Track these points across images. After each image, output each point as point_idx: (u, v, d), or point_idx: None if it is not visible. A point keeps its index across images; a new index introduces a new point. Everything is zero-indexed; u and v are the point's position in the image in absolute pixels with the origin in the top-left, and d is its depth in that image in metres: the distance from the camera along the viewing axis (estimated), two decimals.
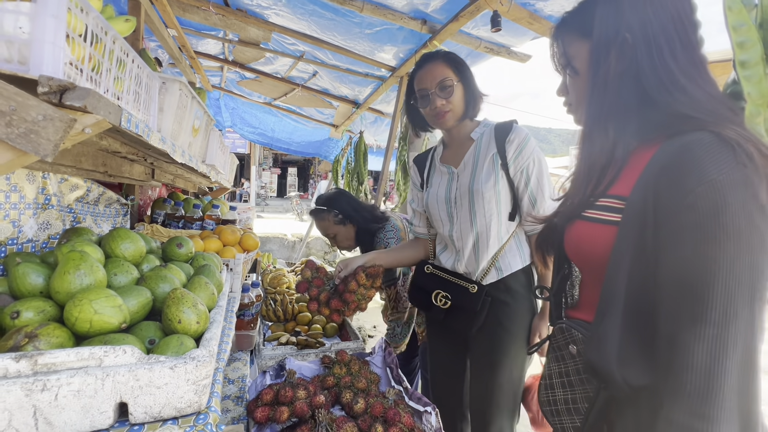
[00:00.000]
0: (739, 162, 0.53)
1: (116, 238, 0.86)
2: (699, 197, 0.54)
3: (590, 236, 0.72)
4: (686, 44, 0.65)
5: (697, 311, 0.54)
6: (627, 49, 0.66)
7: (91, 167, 1.25)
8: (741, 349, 0.52)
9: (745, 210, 0.52)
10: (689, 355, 0.54)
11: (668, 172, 0.58)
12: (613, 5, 0.68)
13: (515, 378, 1.26)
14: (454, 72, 1.24)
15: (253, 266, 2.78)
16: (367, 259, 1.46)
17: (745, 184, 0.53)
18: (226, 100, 4.49)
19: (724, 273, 0.53)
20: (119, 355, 0.57)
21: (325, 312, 1.45)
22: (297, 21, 2.26)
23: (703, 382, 0.53)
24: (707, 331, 0.53)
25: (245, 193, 18.07)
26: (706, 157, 0.55)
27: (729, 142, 0.55)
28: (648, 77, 0.65)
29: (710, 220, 0.54)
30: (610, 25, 0.68)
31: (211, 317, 0.82)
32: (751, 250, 0.52)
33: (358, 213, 1.83)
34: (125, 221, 1.77)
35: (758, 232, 0.52)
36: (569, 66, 0.76)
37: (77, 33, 0.67)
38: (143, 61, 1.52)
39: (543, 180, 1.22)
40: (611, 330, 0.65)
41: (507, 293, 1.25)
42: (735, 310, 0.52)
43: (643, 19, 0.65)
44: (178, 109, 1.25)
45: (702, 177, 0.54)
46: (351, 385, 1.25)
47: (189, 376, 0.60)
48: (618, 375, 0.63)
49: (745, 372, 0.53)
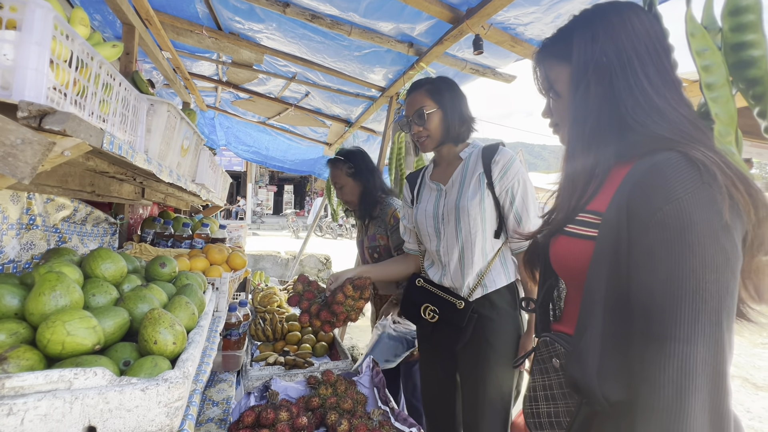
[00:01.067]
0: (704, 182, 0.55)
1: (97, 258, 0.86)
2: (666, 215, 0.56)
3: (571, 251, 0.74)
4: (659, 68, 0.67)
5: (666, 328, 0.55)
6: (604, 72, 0.69)
7: (78, 187, 1.26)
8: (711, 366, 0.53)
9: (711, 228, 0.54)
10: (659, 371, 0.54)
11: (639, 190, 0.60)
12: (589, 32, 0.71)
13: (505, 394, 1.25)
14: (432, 100, 1.32)
15: (243, 285, 2.76)
16: (357, 272, 1.49)
17: (710, 203, 0.54)
18: (220, 120, 4.54)
19: (690, 290, 0.53)
20: (90, 377, 0.56)
21: (316, 324, 1.47)
22: (288, 44, 2.32)
23: (673, 399, 0.53)
24: (676, 348, 0.54)
25: (241, 210, 18.07)
26: (674, 177, 0.56)
27: (695, 162, 0.56)
28: (625, 99, 0.68)
29: (677, 237, 0.55)
30: (587, 51, 0.70)
31: (190, 338, 0.81)
32: (716, 268, 0.53)
33: (371, 174, 1.91)
34: (113, 240, 1.76)
35: (723, 250, 0.53)
36: (551, 89, 0.79)
37: (62, 59, 0.69)
38: (134, 83, 1.55)
39: (528, 199, 1.26)
40: (591, 345, 0.65)
41: (492, 309, 1.27)
42: (703, 327, 0.53)
43: (618, 45, 0.68)
44: (166, 130, 1.27)
45: (669, 195, 0.56)
46: (336, 406, 1.23)
47: (161, 398, 0.59)
48: (598, 390, 0.63)
49: (716, 389, 0.53)
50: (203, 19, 2.27)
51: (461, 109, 1.34)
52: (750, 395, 3.19)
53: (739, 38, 0.69)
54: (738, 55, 0.70)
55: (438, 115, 1.32)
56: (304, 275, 1.64)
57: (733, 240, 0.54)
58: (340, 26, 1.91)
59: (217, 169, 2.32)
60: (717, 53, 0.76)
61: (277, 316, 2.23)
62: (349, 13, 1.82)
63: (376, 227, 1.90)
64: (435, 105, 1.32)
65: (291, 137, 4.63)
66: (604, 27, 0.69)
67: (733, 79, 0.72)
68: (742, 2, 0.69)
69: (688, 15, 0.74)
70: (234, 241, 2.59)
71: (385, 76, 2.46)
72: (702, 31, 0.77)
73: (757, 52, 0.68)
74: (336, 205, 4.63)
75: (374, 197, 1.90)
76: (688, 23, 0.74)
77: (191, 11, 2.19)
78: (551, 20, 1.55)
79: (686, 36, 0.77)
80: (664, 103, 0.66)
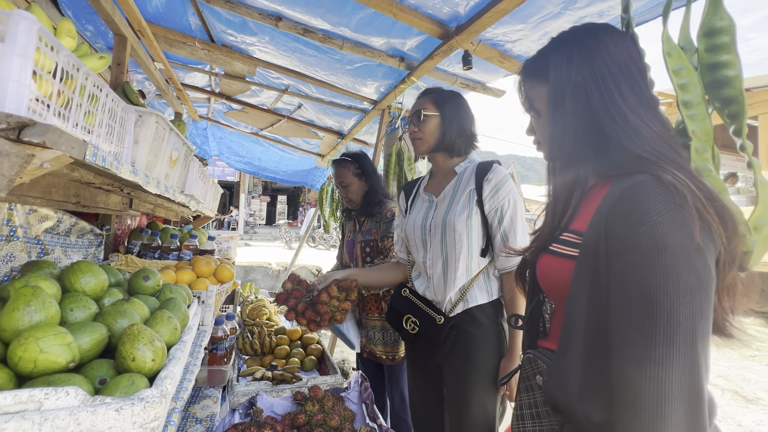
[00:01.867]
0: (676, 204, 0.56)
1: (77, 271, 0.84)
2: (640, 238, 0.56)
3: (555, 269, 0.75)
4: (634, 87, 0.69)
5: (641, 350, 0.55)
6: (579, 92, 0.71)
7: (62, 198, 1.24)
8: (686, 388, 0.53)
9: (684, 251, 0.54)
10: (635, 393, 0.55)
11: (615, 213, 0.61)
12: (564, 53, 0.73)
13: (488, 412, 1.24)
14: (434, 105, 1.35)
15: (232, 297, 2.72)
16: (344, 274, 1.51)
17: (682, 226, 0.55)
18: (213, 130, 4.53)
19: (665, 313, 0.54)
20: (61, 397, 0.54)
21: (301, 322, 1.47)
22: (281, 57, 2.34)
23: (649, 421, 0.53)
24: (651, 370, 0.54)
25: (233, 221, 17.93)
26: (647, 200, 0.57)
27: (666, 185, 0.58)
28: (601, 116, 0.69)
29: (651, 259, 0.55)
30: (562, 71, 0.72)
31: (170, 354, 0.79)
32: (689, 290, 0.54)
33: (375, 175, 2.05)
34: (99, 252, 1.73)
35: (696, 272, 0.54)
36: (532, 108, 0.81)
37: (46, 70, 0.69)
38: (124, 94, 1.54)
39: (516, 220, 1.25)
40: (572, 364, 0.65)
41: (474, 325, 1.26)
42: (678, 349, 0.53)
43: (592, 65, 0.70)
44: (154, 141, 1.26)
45: (643, 218, 0.57)
46: (323, 423, 1.21)
47: (136, 418, 0.57)
48: (579, 410, 0.63)
49: (692, 411, 0.53)
50: (196, 31, 2.29)
51: (461, 122, 1.36)
52: (741, 409, 3.19)
53: (714, 59, 0.71)
54: (713, 74, 0.72)
55: (435, 120, 1.34)
56: (294, 274, 1.64)
57: (706, 261, 0.55)
58: (332, 40, 1.93)
59: (207, 179, 2.31)
60: (693, 72, 0.77)
61: (265, 330, 2.19)
62: (341, 28, 1.84)
63: (373, 223, 1.96)
64: (435, 110, 1.35)
65: (284, 148, 4.63)
66: (578, 48, 0.72)
67: (710, 98, 0.74)
68: (717, 24, 0.71)
69: (665, 35, 0.76)
70: (223, 252, 2.56)
71: (376, 89, 2.48)
72: (678, 50, 0.79)
73: (731, 72, 0.70)
74: (328, 216, 4.61)
75: (378, 197, 2.01)
76: (664, 43, 0.76)
77: (184, 23, 2.20)
78: (538, 38, 1.58)
79: (663, 55, 0.79)
80: (638, 120, 0.67)
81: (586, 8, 1.35)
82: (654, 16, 1.31)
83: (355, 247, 2.02)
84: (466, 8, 1.49)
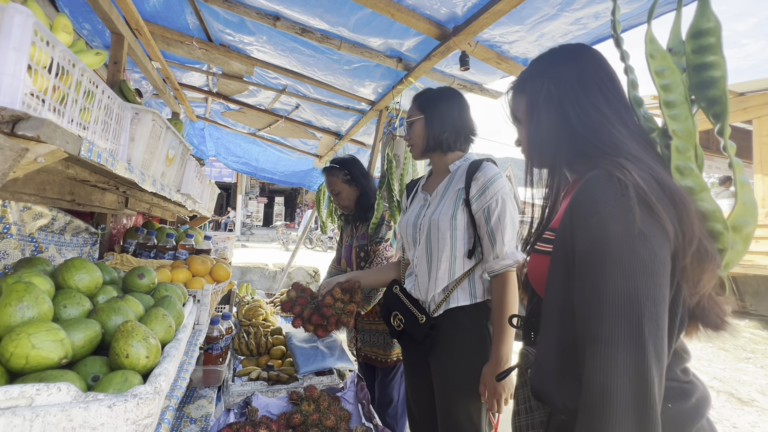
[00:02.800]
0: (621, 195, 0.60)
1: (70, 268, 0.83)
2: (591, 228, 0.61)
3: (537, 267, 0.79)
4: (603, 90, 0.75)
5: (592, 331, 0.58)
6: (552, 96, 0.77)
7: (56, 196, 1.23)
8: (633, 369, 0.55)
9: (627, 237, 0.58)
10: (588, 372, 0.58)
11: (575, 206, 0.66)
12: (538, 67, 0.83)
13: (473, 415, 1.22)
14: (418, 109, 1.36)
15: (228, 297, 2.71)
16: (347, 277, 1.52)
17: (624, 214, 0.59)
18: (210, 130, 4.52)
19: (610, 295, 0.58)
20: (53, 393, 0.54)
21: (309, 328, 1.48)
22: (278, 56, 2.34)
23: (598, 399, 0.56)
24: (599, 349, 0.57)
25: (230, 222, 17.87)
26: (597, 192, 0.62)
27: (613, 178, 0.62)
28: (571, 116, 0.75)
29: (599, 246, 0.60)
30: (536, 81, 0.81)
31: (165, 351, 0.79)
32: (633, 274, 0.57)
33: (366, 179, 2.03)
34: (94, 251, 1.72)
35: (639, 257, 0.57)
36: (516, 119, 0.88)
37: (41, 65, 0.68)
38: (120, 92, 1.54)
39: (504, 220, 1.20)
40: (546, 353, 0.69)
41: (455, 326, 1.25)
42: (623, 330, 0.56)
43: (561, 73, 0.78)
44: (150, 139, 1.26)
45: (593, 209, 0.61)
46: (319, 422, 1.20)
47: (129, 415, 0.57)
48: (557, 398, 0.66)
49: (640, 393, 0.54)
50: (194, 30, 2.28)
51: (448, 118, 1.33)
52: (735, 410, 3.20)
53: (701, 59, 0.72)
54: (700, 75, 0.73)
55: (420, 123, 1.35)
56: (298, 283, 1.65)
57: (651, 247, 0.58)
58: (330, 41, 1.93)
59: (204, 179, 2.30)
60: (676, 73, 0.78)
61: (261, 330, 2.18)
62: (339, 28, 1.84)
63: (366, 227, 1.96)
64: (419, 113, 1.35)
65: (281, 149, 4.62)
66: (551, 61, 0.81)
67: (696, 98, 0.75)
68: (704, 26, 0.72)
69: (648, 37, 0.77)
70: (220, 252, 2.55)
71: (374, 90, 2.49)
72: (662, 52, 0.80)
73: (716, 73, 0.71)
74: (325, 217, 4.60)
75: (370, 201, 1.99)
76: (647, 45, 0.77)
77: (182, 22, 2.20)
78: (535, 39, 1.59)
79: (645, 57, 0.80)
80: (601, 119, 0.73)
81: (582, 10, 1.36)
82: (644, 20, 1.33)
83: (352, 252, 2.02)
84: (464, 9, 1.50)
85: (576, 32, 1.50)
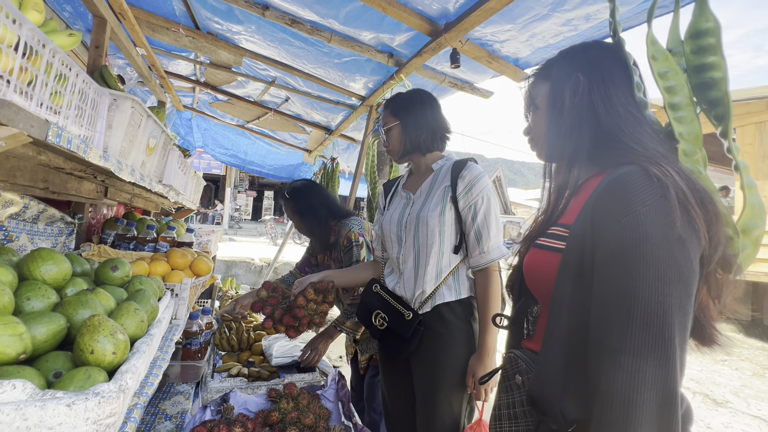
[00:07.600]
0: (661, 195, 0.56)
1: (36, 258, 0.80)
2: (624, 227, 0.57)
3: (540, 263, 0.75)
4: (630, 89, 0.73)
5: (617, 340, 0.55)
6: (578, 86, 0.74)
7: (28, 183, 1.18)
8: (661, 381, 0.52)
9: (665, 241, 0.54)
10: (609, 384, 0.54)
11: (601, 203, 0.61)
12: (568, 55, 0.80)
13: (455, 412, 1.24)
14: (392, 115, 1.37)
15: (210, 292, 2.67)
16: (320, 277, 1.49)
17: (664, 216, 0.55)
18: (198, 121, 4.43)
19: (642, 302, 0.54)
20: (7, 390, 0.51)
21: (280, 329, 1.44)
22: (268, 47, 2.29)
23: (621, 413, 0.52)
24: (626, 360, 0.53)
25: (218, 215, 17.61)
26: (633, 190, 0.58)
27: (652, 176, 0.58)
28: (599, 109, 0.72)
29: (632, 249, 0.55)
30: (564, 67, 0.77)
31: (135, 347, 0.76)
32: (669, 281, 0.53)
33: (316, 209, 1.84)
34: (70, 241, 1.66)
35: (676, 263, 0.54)
36: (533, 104, 0.85)
37: (6, 44, 0.65)
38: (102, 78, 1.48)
39: (490, 218, 1.25)
40: (552, 357, 0.65)
41: (442, 324, 1.26)
42: (654, 340, 0.53)
43: (593, 64, 0.75)
44: (129, 127, 1.22)
45: (628, 208, 0.57)
46: (297, 421, 1.18)
47: (89, 414, 0.54)
48: (556, 405, 0.62)
49: (665, 406, 0.52)
50: (180, 17, 2.22)
51: (423, 120, 1.35)
52: (710, 411, 3.29)
53: (701, 60, 0.71)
54: (700, 76, 0.72)
55: (396, 129, 1.36)
56: (269, 282, 1.61)
57: (688, 254, 0.55)
58: (320, 32, 1.90)
59: (188, 170, 2.24)
60: (680, 74, 0.77)
61: (243, 325, 2.15)
62: (329, 20, 1.81)
63: (337, 251, 1.87)
64: (394, 119, 1.36)
65: (270, 142, 4.56)
66: (583, 51, 0.78)
67: (697, 100, 0.74)
68: (703, 26, 0.71)
69: (650, 38, 0.76)
70: (203, 245, 2.50)
71: (365, 85, 2.46)
72: (664, 53, 0.79)
73: (717, 74, 0.70)
74: None
75: (324, 230, 1.86)
76: (649, 47, 0.76)
77: (168, 8, 2.13)
78: (526, 39, 1.59)
79: (648, 59, 0.80)
80: (631, 116, 0.70)
81: (573, 11, 1.35)
82: (639, 21, 1.33)
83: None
84: (456, 5, 1.48)
85: (567, 33, 1.50)
